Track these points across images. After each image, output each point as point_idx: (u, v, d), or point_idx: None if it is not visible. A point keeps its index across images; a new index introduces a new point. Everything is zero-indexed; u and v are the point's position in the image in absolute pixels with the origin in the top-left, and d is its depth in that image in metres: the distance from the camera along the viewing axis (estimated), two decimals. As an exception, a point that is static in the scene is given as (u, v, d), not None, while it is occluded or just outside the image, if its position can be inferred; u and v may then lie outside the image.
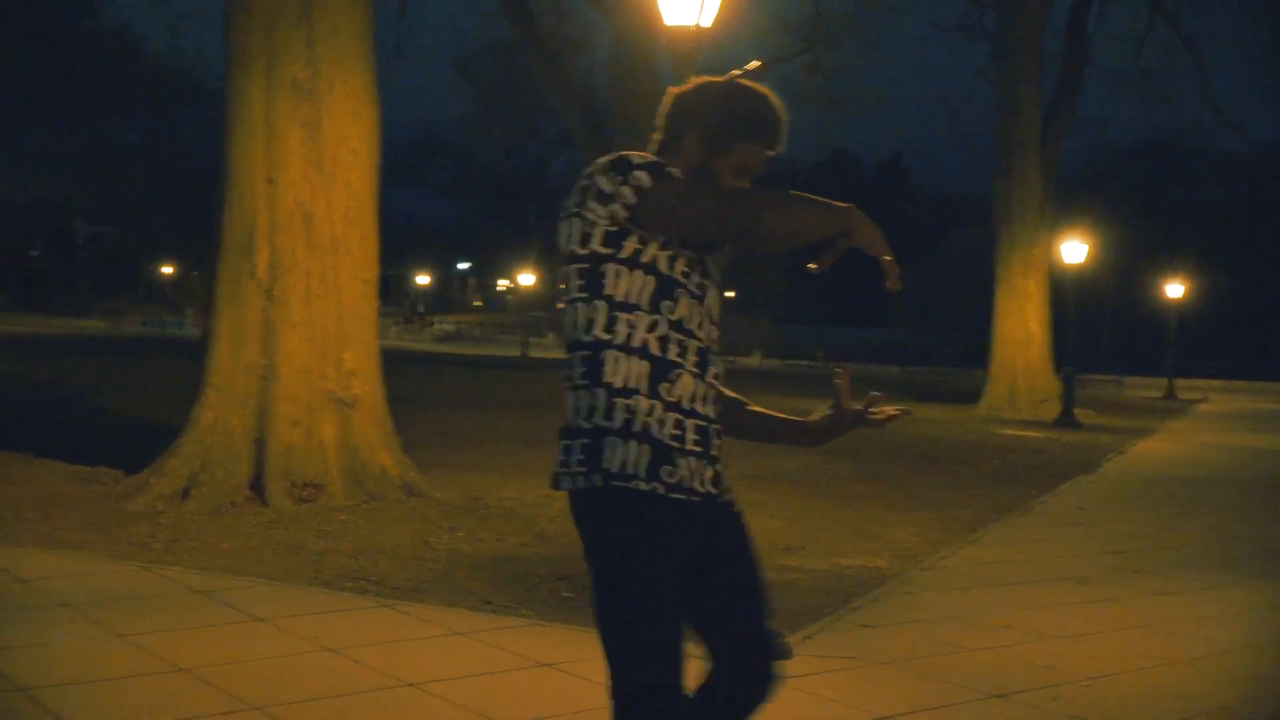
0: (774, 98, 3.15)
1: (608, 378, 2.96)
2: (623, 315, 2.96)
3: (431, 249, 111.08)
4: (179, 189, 77.87)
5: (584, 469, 2.95)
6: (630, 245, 2.95)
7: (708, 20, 9.40)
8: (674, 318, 2.98)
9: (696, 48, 9.31)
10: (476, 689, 5.61)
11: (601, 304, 2.97)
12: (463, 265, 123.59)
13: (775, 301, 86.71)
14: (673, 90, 3.25)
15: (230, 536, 8.88)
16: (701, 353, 3.03)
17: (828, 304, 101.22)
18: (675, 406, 2.97)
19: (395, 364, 9.41)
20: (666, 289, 2.97)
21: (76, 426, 15.72)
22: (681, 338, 2.99)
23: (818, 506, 11.81)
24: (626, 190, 2.90)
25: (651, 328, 2.96)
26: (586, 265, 2.98)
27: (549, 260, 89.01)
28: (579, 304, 3.01)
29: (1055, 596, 8.31)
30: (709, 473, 3.02)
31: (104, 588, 7.22)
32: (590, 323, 2.98)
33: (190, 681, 5.55)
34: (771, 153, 3.14)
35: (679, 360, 2.98)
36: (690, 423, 2.99)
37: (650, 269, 2.96)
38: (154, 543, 8.57)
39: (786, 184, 3.12)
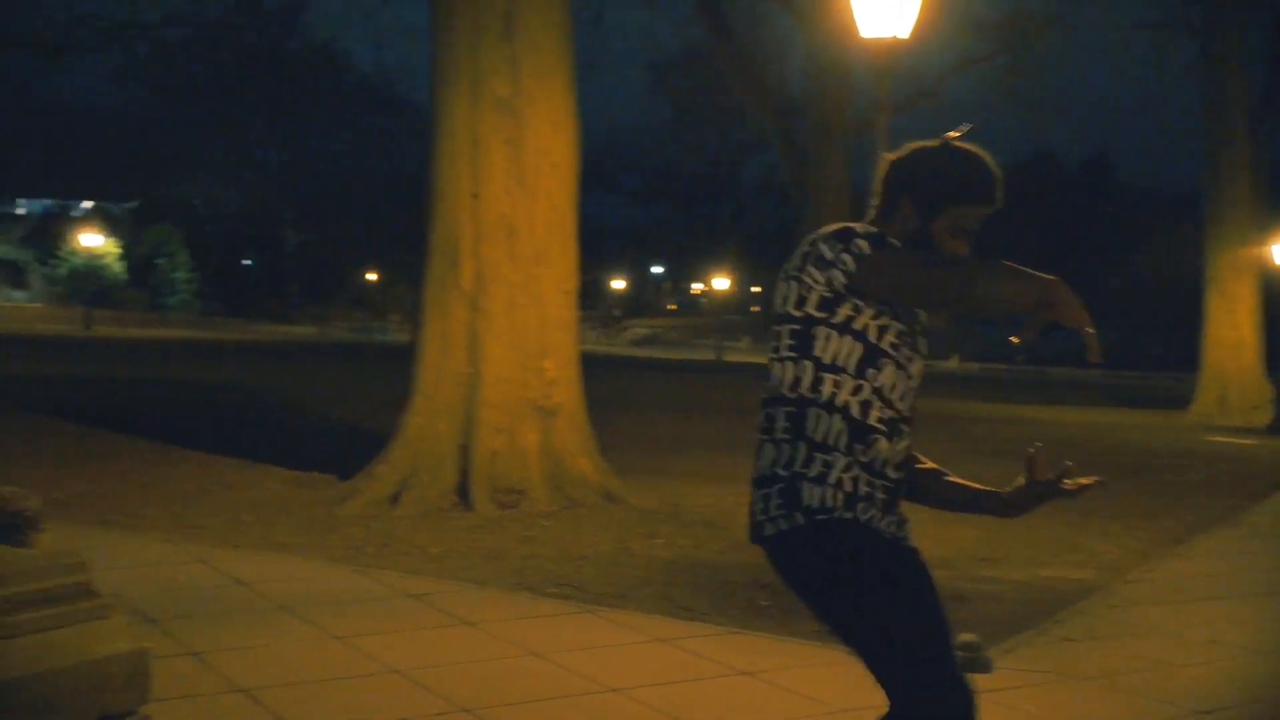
0: (986, 157, 3.20)
1: (809, 432, 3.06)
2: (829, 376, 3.06)
3: (626, 253, 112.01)
4: (382, 198, 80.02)
5: (783, 511, 3.04)
6: (843, 311, 3.05)
7: (905, 31, 9.39)
8: (876, 384, 3.06)
9: (893, 58, 9.32)
10: (679, 695, 5.73)
11: (809, 364, 3.08)
12: (656, 269, 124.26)
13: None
14: (888, 156, 3.32)
15: (438, 541, 9.17)
16: (893, 422, 3.11)
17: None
18: (867, 467, 3.05)
19: (592, 368, 9.63)
20: (872, 357, 3.07)
21: (291, 432, 16.33)
22: (881, 404, 3.07)
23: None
24: (847, 257, 3.00)
25: (855, 391, 3.05)
26: (799, 326, 3.10)
27: (744, 263, 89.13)
28: (788, 362, 3.12)
29: (1265, 612, 8.11)
30: (893, 527, 3.10)
31: (320, 591, 7.54)
32: (797, 380, 3.09)
33: (403, 683, 5.79)
34: (988, 210, 3.18)
35: (877, 425, 3.06)
36: (879, 483, 3.07)
37: (860, 336, 3.06)
38: (366, 546, 8.90)
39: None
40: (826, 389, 3.06)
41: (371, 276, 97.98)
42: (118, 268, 70.07)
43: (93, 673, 4.92)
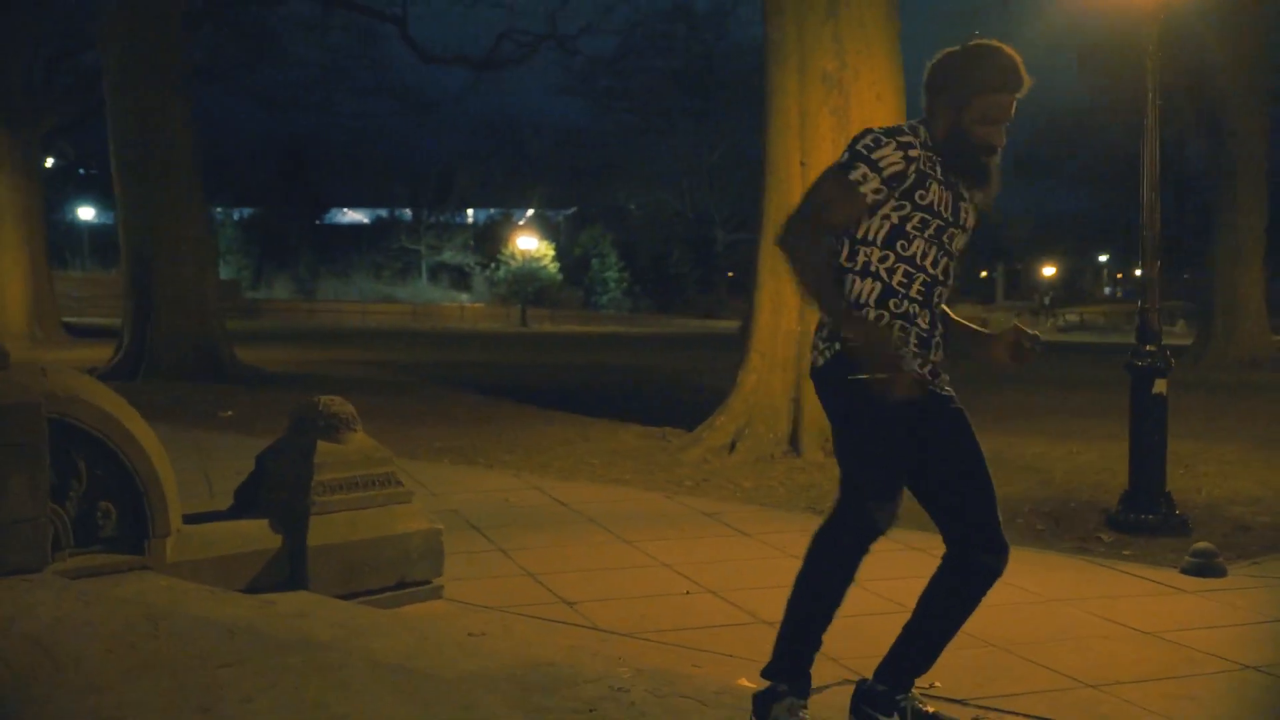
0: (1004, 47, 3.74)
1: (847, 292, 3.71)
2: (861, 248, 3.70)
3: (1062, 241, 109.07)
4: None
5: (826, 344, 3.72)
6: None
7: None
8: (907, 254, 3.68)
9: None
10: (905, 588, 6.35)
11: (846, 240, 3.74)
12: (1103, 257, 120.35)
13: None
14: (928, 63, 3.91)
15: (755, 478, 9.98)
16: (928, 285, 3.70)
17: None
18: (901, 316, 3.68)
19: None
20: (900, 232, 3.68)
21: (667, 399, 17.46)
22: (910, 269, 3.68)
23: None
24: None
25: (882, 260, 3.68)
26: None
27: (1182, 247, 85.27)
28: (840, 240, 3.80)
29: None
30: (925, 367, 3.70)
31: (628, 511, 8.51)
32: (838, 254, 3.76)
33: (666, 572, 6.69)
34: (1012, 95, 3.72)
35: (903, 284, 3.68)
36: (913, 330, 3.69)
37: (885, 218, 3.69)
38: (686, 481, 9.81)
39: None
40: (859, 260, 3.71)
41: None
42: (553, 269, 74.14)
43: (393, 546, 6.02)
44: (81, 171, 66.68)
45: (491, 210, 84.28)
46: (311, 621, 4.52)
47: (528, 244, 69.35)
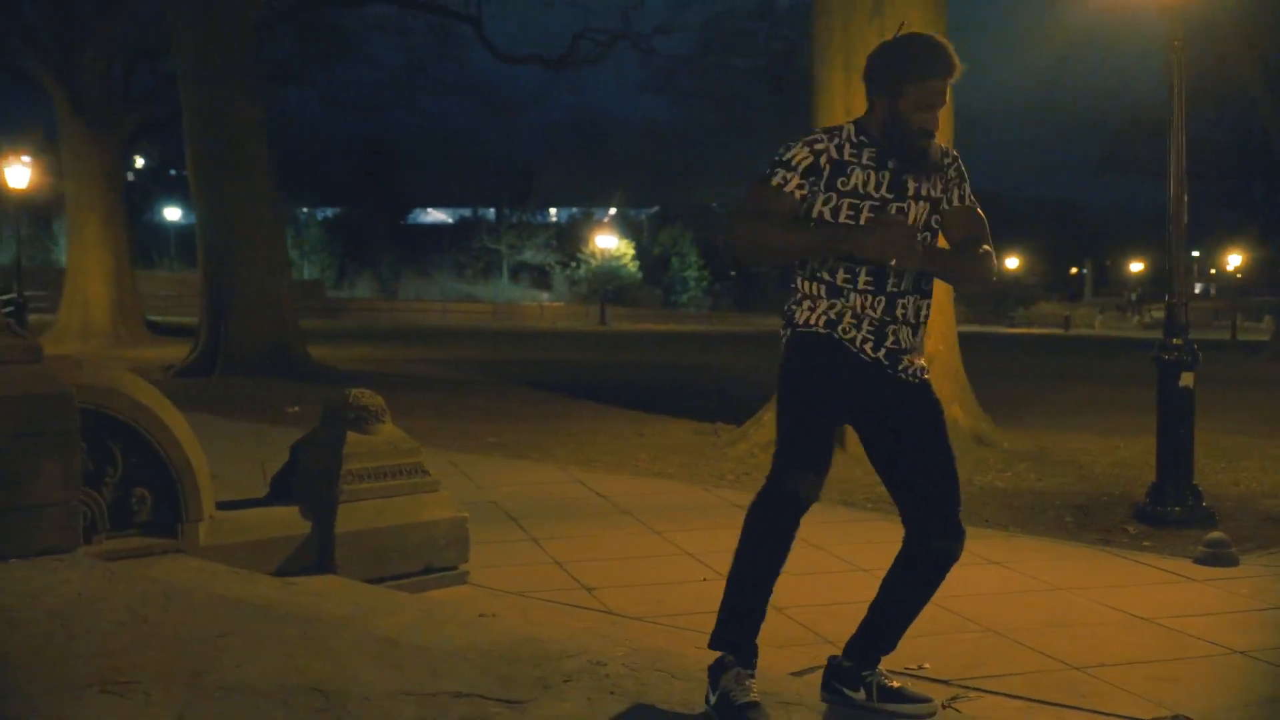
0: (933, 35, 3.92)
1: (799, 285, 3.94)
2: None
3: (1153, 236, 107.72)
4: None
5: (787, 329, 3.93)
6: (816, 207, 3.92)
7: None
8: None
9: None
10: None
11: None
12: (1195, 253, 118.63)
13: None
14: (866, 58, 4.08)
15: (796, 472, 10.15)
16: (877, 271, 3.87)
17: None
18: (849, 309, 3.86)
19: (1082, 349, 9.83)
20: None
21: (727, 396, 17.64)
22: (850, 262, 3.86)
23: None
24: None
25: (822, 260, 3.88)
26: None
27: (1273, 241, 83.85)
28: None
29: None
30: (881, 351, 3.87)
31: (664, 503, 8.73)
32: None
33: (690, 562, 6.93)
34: (944, 80, 3.89)
35: (847, 280, 3.86)
36: (867, 315, 3.86)
37: (818, 213, 3.88)
38: (727, 475, 10.01)
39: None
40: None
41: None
42: (633, 268, 74.61)
43: (420, 532, 6.29)
44: (173, 172, 68.03)
45: (573, 209, 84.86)
46: (325, 600, 4.79)
47: (607, 243, 69.77)
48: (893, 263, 3.77)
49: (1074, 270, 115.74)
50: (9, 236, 38.43)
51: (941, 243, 4.08)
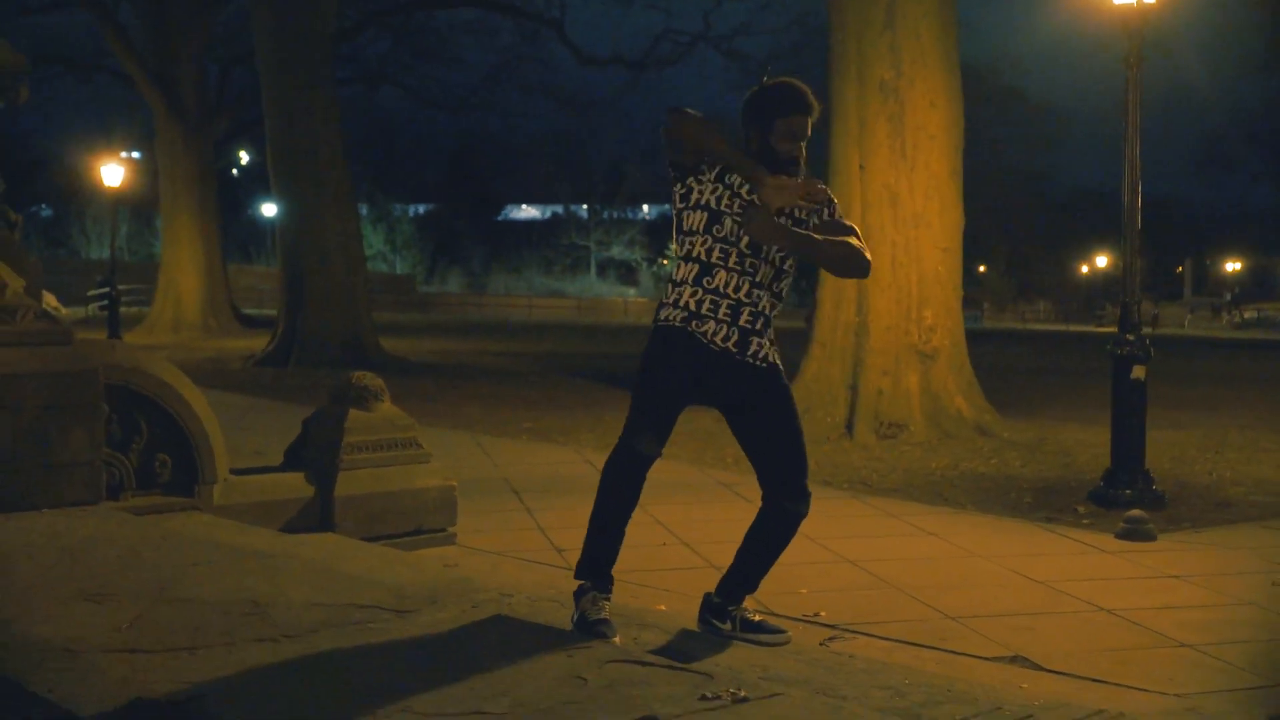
0: (795, 82, 4.73)
1: (673, 276, 4.74)
2: (684, 237, 4.71)
3: (1253, 236, 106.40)
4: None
5: (654, 322, 4.75)
6: (692, 197, 4.69)
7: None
8: (720, 235, 4.64)
9: None
10: (875, 546, 7.35)
11: (679, 235, 4.74)
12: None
13: None
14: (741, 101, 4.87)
15: (796, 457, 10.92)
16: (741, 256, 4.65)
17: None
18: (714, 291, 4.65)
19: (1156, 347, 10.34)
20: (716, 218, 4.65)
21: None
22: (726, 248, 4.64)
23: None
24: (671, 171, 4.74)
25: (703, 243, 4.66)
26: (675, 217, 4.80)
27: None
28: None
29: None
30: (734, 336, 4.65)
31: (658, 480, 9.29)
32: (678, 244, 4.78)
33: (660, 530, 7.74)
34: (807, 116, 4.68)
35: (719, 262, 4.64)
36: (724, 302, 4.64)
37: (703, 207, 4.67)
38: (728, 459, 10.79)
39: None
40: (683, 246, 4.72)
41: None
42: (719, 264, 75.29)
43: (412, 497, 7.17)
44: (270, 171, 69.73)
45: (665, 206, 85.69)
46: (303, 547, 5.68)
47: (692, 239, 70.43)
48: (774, 207, 4.50)
49: (1179, 269, 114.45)
50: (108, 233, 40.10)
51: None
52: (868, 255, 4.79)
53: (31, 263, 6.74)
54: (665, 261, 74.20)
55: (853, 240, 4.77)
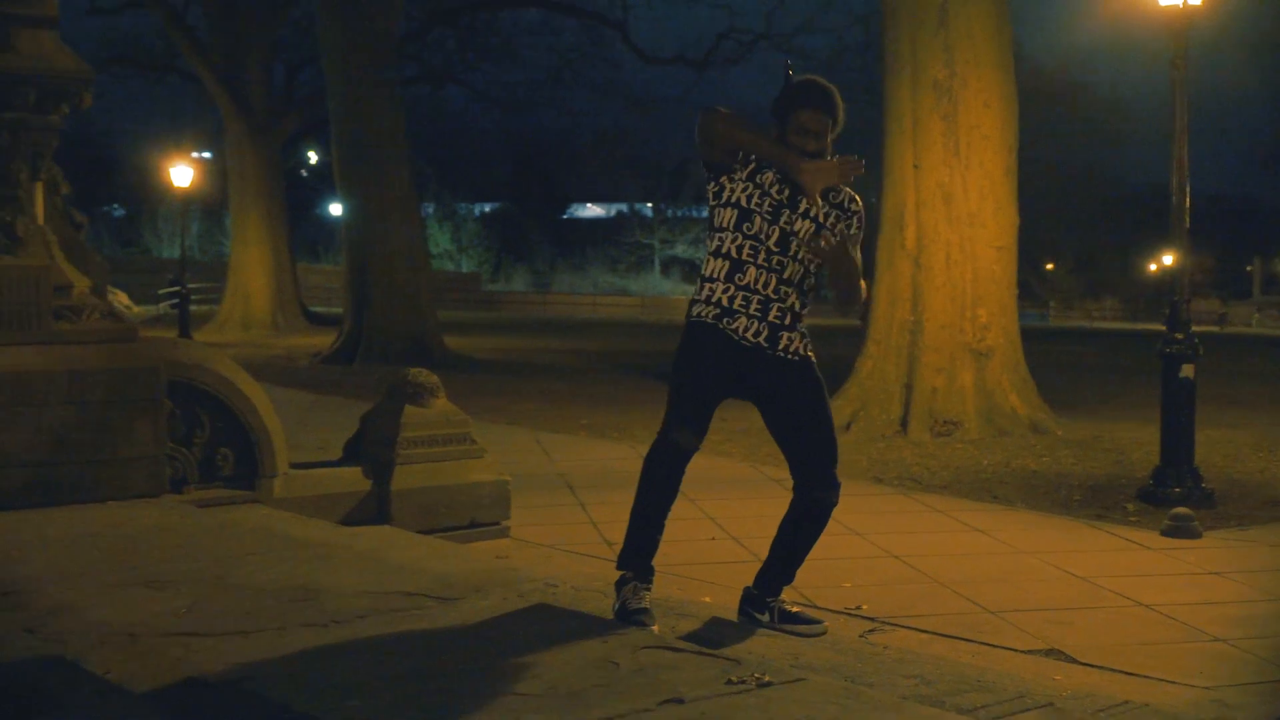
0: (817, 79, 4.87)
1: (703, 272, 4.87)
2: (716, 234, 4.84)
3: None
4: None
5: (687, 316, 4.89)
6: (724, 195, 4.83)
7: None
8: (750, 233, 4.78)
9: None
10: (916, 542, 7.46)
11: (711, 231, 4.89)
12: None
13: None
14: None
15: (854, 454, 11.00)
16: (770, 253, 4.78)
17: None
18: (744, 288, 4.78)
19: (1223, 347, 10.24)
20: (746, 216, 4.79)
21: (830, 385, 18.47)
22: (756, 245, 4.77)
23: None
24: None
25: (733, 240, 4.80)
26: (708, 213, 4.93)
27: None
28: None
29: None
30: (765, 331, 4.78)
31: (710, 477, 9.66)
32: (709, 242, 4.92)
33: (706, 522, 7.90)
34: (820, 114, 4.80)
35: (750, 259, 4.78)
36: (754, 298, 4.78)
37: (734, 204, 4.80)
38: (779, 454, 10.87)
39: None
40: (713, 242, 4.86)
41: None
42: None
43: (466, 491, 7.37)
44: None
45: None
46: (359, 538, 5.87)
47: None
48: (814, 190, 4.64)
49: (1249, 268, 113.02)
50: (179, 232, 40.80)
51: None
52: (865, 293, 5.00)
53: (97, 262, 6.99)
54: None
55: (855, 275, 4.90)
